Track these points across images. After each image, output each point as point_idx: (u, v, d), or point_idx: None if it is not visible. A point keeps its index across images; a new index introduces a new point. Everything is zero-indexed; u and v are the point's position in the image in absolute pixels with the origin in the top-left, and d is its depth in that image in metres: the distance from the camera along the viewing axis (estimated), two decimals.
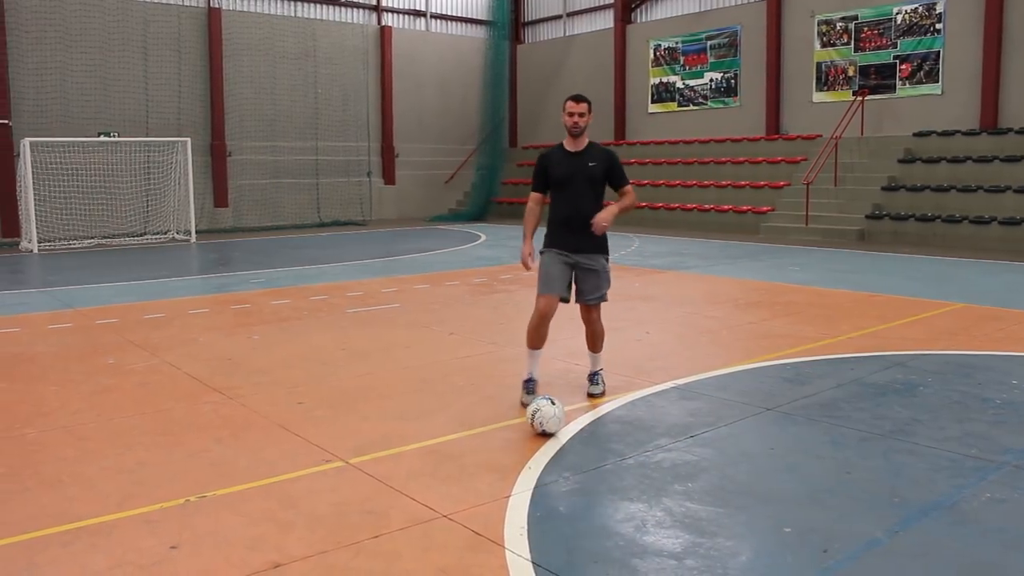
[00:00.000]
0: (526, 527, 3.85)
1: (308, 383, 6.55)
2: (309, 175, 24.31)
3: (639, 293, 10.81)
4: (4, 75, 19.14)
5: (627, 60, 25.56)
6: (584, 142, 5.89)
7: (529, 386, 5.88)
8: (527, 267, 5.99)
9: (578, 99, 5.82)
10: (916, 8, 19.17)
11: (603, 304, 6.10)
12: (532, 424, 5.17)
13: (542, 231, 5.90)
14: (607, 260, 6.05)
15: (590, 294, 5.94)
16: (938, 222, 16.74)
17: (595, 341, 6.11)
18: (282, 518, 3.99)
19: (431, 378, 6.66)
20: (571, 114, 5.77)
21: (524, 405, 5.64)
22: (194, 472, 4.62)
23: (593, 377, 6.17)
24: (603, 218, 5.72)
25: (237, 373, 6.90)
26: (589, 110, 5.84)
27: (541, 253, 5.95)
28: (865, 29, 20.10)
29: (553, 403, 5.20)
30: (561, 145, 5.95)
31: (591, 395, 6.06)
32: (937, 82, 18.97)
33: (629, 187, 6.00)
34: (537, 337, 5.86)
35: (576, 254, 5.86)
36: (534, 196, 6.01)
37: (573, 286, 5.92)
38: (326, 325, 8.99)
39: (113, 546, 3.72)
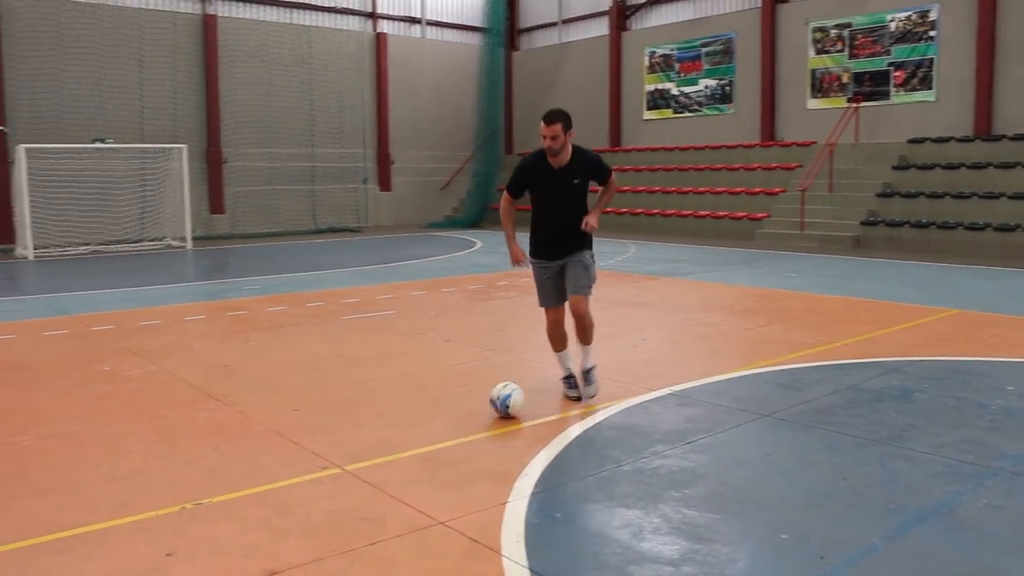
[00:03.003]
0: (523, 534, 3.84)
1: (304, 390, 6.54)
2: (305, 182, 24.31)
3: (634, 300, 10.81)
4: None
5: (622, 67, 25.61)
6: (567, 156, 5.77)
7: (570, 381, 6.17)
8: (520, 263, 6.08)
9: (550, 121, 5.60)
10: (909, 15, 19.25)
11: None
12: (500, 402, 5.60)
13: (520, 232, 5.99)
14: (591, 256, 6.11)
15: (573, 285, 5.96)
16: (933, 228, 16.77)
17: (585, 333, 6.10)
18: (278, 525, 3.98)
19: (428, 385, 6.66)
20: (543, 136, 5.66)
21: (571, 398, 6.07)
22: (190, 479, 4.61)
23: (588, 374, 6.17)
24: (593, 224, 5.89)
25: (233, 380, 6.88)
26: (564, 129, 5.63)
27: (532, 261, 6.11)
28: (859, 36, 20.18)
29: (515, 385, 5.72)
30: (543, 156, 5.81)
31: (574, 398, 6.13)
32: (931, 89, 19.03)
33: (612, 178, 6.10)
34: (557, 341, 6.19)
35: (560, 259, 6.00)
36: (508, 198, 6.04)
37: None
38: (322, 332, 8.98)
39: (108, 554, 3.70)
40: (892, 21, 19.57)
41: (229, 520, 4.04)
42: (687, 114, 24.08)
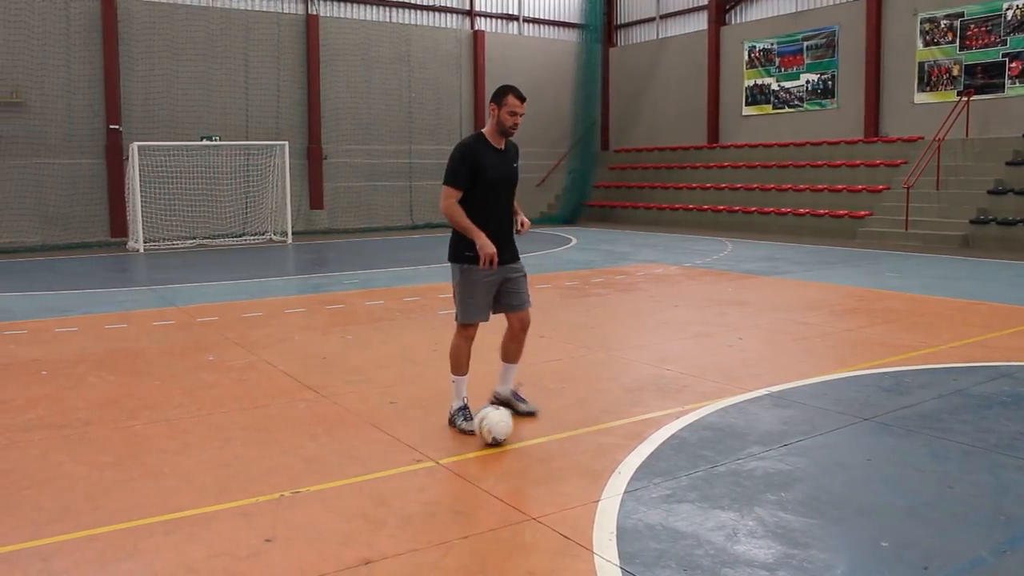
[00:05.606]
0: (615, 532, 3.83)
1: (400, 383, 6.64)
2: (403, 178, 24.69)
3: (731, 298, 10.63)
4: (116, 83, 20.01)
5: (721, 62, 25.19)
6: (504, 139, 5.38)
7: (465, 413, 5.38)
8: (495, 264, 5.22)
9: (524, 98, 5.25)
10: None
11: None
12: (482, 433, 5.02)
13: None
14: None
15: (522, 298, 5.54)
16: None
17: (520, 350, 5.71)
18: (373, 515, 4.05)
19: (521, 381, 6.66)
20: (514, 113, 5.19)
21: (464, 431, 5.26)
22: (289, 468, 4.73)
23: (518, 394, 5.76)
24: (528, 224, 5.46)
25: (331, 372, 7.04)
26: None
27: (463, 269, 5.33)
28: (971, 27, 19.37)
29: (498, 408, 5.14)
30: (482, 138, 5.31)
31: (528, 413, 5.62)
32: None
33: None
34: (466, 362, 5.51)
35: (503, 266, 5.34)
36: (454, 193, 5.24)
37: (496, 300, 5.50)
38: (418, 326, 9.10)
39: (211, 537, 3.83)
40: (1008, 9, 18.71)
41: (326, 509, 4.13)
42: (787, 110, 23.54)
